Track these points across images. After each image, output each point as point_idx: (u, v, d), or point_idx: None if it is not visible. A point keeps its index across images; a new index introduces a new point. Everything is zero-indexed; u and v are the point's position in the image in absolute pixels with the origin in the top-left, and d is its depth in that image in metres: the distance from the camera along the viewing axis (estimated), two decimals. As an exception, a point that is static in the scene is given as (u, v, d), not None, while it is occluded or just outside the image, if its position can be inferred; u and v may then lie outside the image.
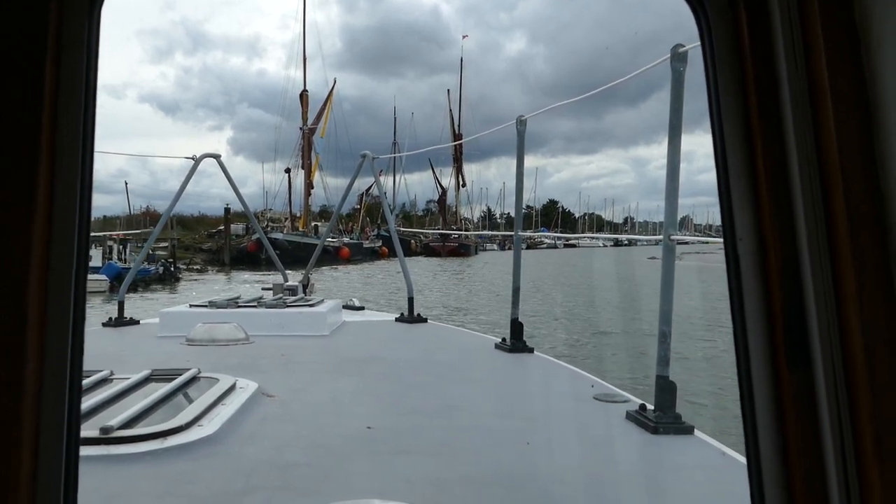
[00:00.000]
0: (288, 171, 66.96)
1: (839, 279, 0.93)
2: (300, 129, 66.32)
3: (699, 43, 1.06)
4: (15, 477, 0.82)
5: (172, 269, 34.90)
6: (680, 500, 2.37)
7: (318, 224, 64.64)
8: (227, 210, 51.39)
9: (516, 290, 5.02)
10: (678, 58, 3.08)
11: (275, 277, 7.90)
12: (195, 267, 43.83)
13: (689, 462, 2.70)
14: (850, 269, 0.91)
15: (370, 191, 71.26)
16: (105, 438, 2.55)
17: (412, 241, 64.53)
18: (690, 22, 1.09)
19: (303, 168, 67.12)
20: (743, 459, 1.02)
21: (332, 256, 47.49)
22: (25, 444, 0.83)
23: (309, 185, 66.78)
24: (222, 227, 52.27)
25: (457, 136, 75.57)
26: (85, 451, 2.43)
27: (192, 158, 6.89)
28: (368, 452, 2.72)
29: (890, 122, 0.89)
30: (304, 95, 67.08)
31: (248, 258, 45.97)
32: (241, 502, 2.20)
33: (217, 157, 7.02)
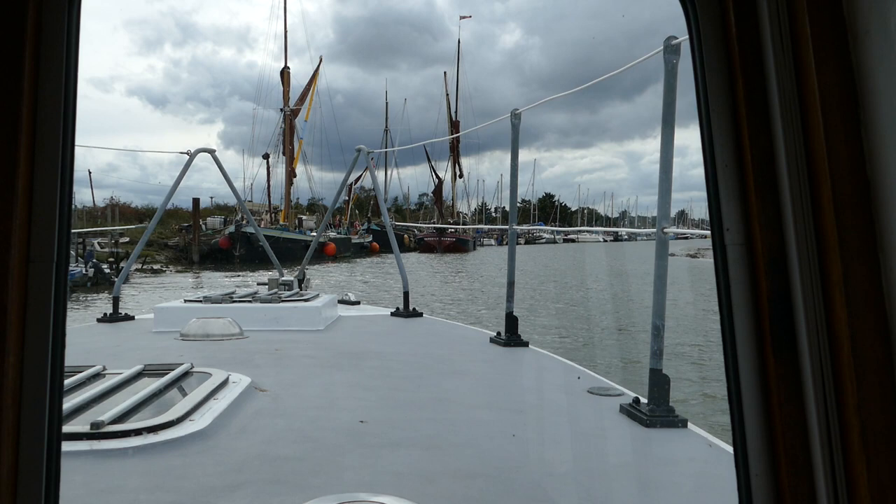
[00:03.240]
0: (266, 156, 59.59)
1: (826, 268, 0.96)
2: (281, 110, 59.76)
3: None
4: None
5: (108, 270, 28.12)
6: (671, 493, 2.41)
7: (303, 217, 60.63)
8: (195, 202, 47.15)
9: (511, 284, 5.12)
10: (671, 50, 3.13)
11: (243, 278, 8.06)
12: (153, 266, 36.88)
13: (681, 455, 2.75)
14: (837, 259, 0.93)
15: (359, 182, 69.11)
16: (96, 433, 2.60)
17: (405, 235, 62.79)
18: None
19: (284, 154, 59.89)
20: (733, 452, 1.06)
21: (317, 252, 44.02)
22: (6, 437, 0.85)
23: (291, 174, 60.12)
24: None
25: (454, 122, 74.74)
26: (76, 446, 2.49)
27: (187, 153, 7.23)
28: (360, 446, 2.77)
29: (877, 113, 0.92)
30: (285, 73, 59.87)
31: (221, 255, 42.56)
32: (232, 496, 2.24)
33: (212, 151, 7.43)
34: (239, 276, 30.85)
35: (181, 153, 7.31)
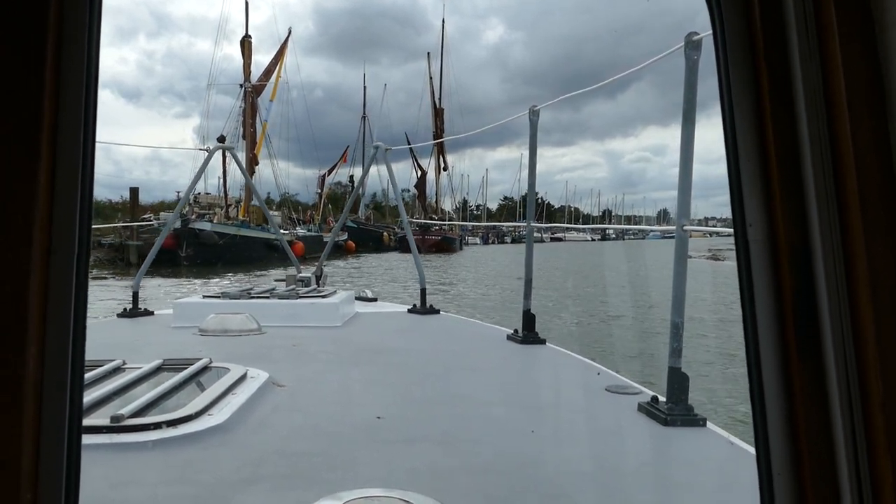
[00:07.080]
0: (222, 139, 46.79)
1: (851, 265, 0.96)
2: (241, 86, 53.73)
3: (703, 27, 1.16)
4: (16, 462, 0.87)
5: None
6: (689, 492, 2.46)
7: (271, 212, 56.89)
8: (133, 191, 41.84)
9: (528, 282, 5.25)
10: (692, 45, 3.18)
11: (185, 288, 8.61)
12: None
13: (700, 454, 2.81)
14: (863, 255, 0.94)
15: (333, 175, 66.06)
16: (115, 427, 2.69)
17: (384, 233, 62.27)
18: (679, 7, 1.20)
19: (244, 138, 52.60)
20: (755, 452, 1.07)
21: (282, 254, 38.42)
22: (27, 430, 0.89)
23: (253, 161, 53.10)
24: (151, 216, 38.02)
25: (438, 111, 74.63)
26: (95, 439, 2.58)
27: (206, 150, 7.95)
28: (376, 442, 2.85)
29: None
30: (245, 42, 53.32)
31: (166, 256, 35.86)
32: (249, 490, 2.33)
33: (230, 148, 8.77)
34: (171, 286, 25.57)
35: (200, 149, 7.85)
